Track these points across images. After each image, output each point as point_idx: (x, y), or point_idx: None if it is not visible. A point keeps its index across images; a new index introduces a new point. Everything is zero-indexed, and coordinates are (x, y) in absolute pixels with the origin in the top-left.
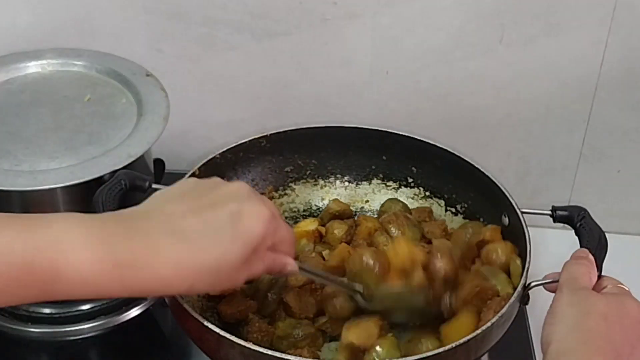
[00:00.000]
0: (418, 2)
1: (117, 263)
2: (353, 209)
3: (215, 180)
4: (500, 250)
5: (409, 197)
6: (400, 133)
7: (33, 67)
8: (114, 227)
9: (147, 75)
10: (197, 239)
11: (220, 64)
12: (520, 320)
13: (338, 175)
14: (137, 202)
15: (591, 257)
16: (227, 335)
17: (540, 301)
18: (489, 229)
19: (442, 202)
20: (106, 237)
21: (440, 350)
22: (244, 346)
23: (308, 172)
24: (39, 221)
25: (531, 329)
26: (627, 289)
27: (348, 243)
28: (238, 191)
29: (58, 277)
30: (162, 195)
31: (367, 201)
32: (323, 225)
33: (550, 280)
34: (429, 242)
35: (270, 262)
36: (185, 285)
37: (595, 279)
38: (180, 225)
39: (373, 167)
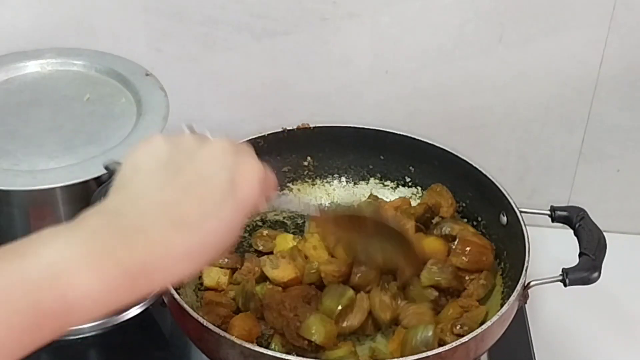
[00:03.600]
0: (418, 2)
1: (127, 274)
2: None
3: (189, 142)
4: None
5: (406, 196)
6: (398, 133)
7: (32, 67)
8: (108, 236)
9: (147, 74)
10: (201, 225)
11: (219, 64)
12: (520, 320)
13: (336, 175)
14: None
15: None
16: (227, 335)
17: (539, 301)
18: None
19: None
20: (106, 250)
21: (440, 350)
22: (244, 346)
23: (306, 172)
24: (23, 255)
25: (530, 328)
26: None
27: None
28: (224, 154)
29: (70, 309)
30: (138, 174)
31: None
32: None
33: (549, 280)
34: None
35: (251, 209)
36: (197, 270)
37: None
38: (178, 214)
39: (371, 166)
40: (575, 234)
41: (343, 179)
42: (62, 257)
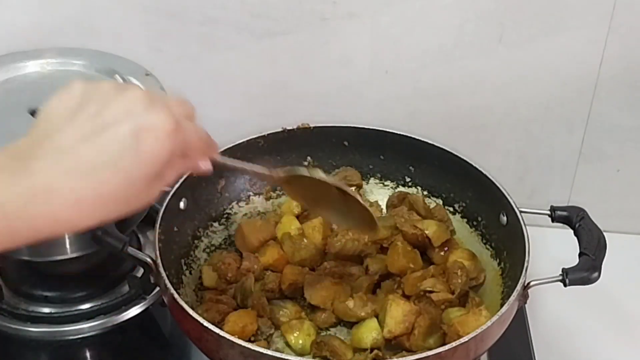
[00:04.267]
0: (418, 2)
1: (3, 213)
2: None
3: (106, 89)
4: None
5: None
6: (398, 133)
7: (32, 67)
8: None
9: (147, 74)
10: (96, 172)
11: (219, 64)
12: (520, 320)
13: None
14: None
15: None
16: (227, 336)
17: (539, 301)
18: None
19: (440, 202)
20: None
21: (440, 350)
22: (244, 346)
23: None
24: None
25: (530, 328)
26: None
27: None
28: (134, 104)
29: None
30: (49, 117)
31: (367, 201)
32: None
33: (549, 280)
34: None
35: (183, 168)
36: (93, 221)
37: None
38: (73, 159)
39: (371, 166)
40: (575, 234)
41: None
42: None
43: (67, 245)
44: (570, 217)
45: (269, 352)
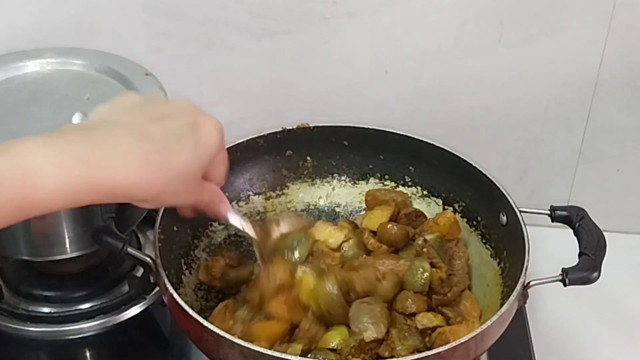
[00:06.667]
0: (417, 1)
1: (86, 165)
2: (350, 209)
3: (158, 97)
4: None
5: (407, 195)
6: (398, 132)
7: (32, 66)
8: (76, 135)
9: (146, 74)
10: (164, 143)
11: (219, 63)
12: (519, 320)
13: (336, 175)
14: (135, 206)
15: None
16: (227, 336)
17: (539, 300)
18: None
19: (440, 201)
20: (70, 146)
21: (440, 349)
22: (244, 346)
23: (305, 172)
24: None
25: (530, 328)
26: None
27: None
28: (187, 106)
29: (32, 203)
30: (111, 109)
31: None
32: None
33: (549, 279)
34: None
35: (211, 195)
36: (154, 191)
37: None
38: (144, 130)
39: (370, 166)
40: (575, 233)
41: (343, 178)
42: (35, 159)
43: (67, 245)
44: (570, 217)
45: (269, 352)
